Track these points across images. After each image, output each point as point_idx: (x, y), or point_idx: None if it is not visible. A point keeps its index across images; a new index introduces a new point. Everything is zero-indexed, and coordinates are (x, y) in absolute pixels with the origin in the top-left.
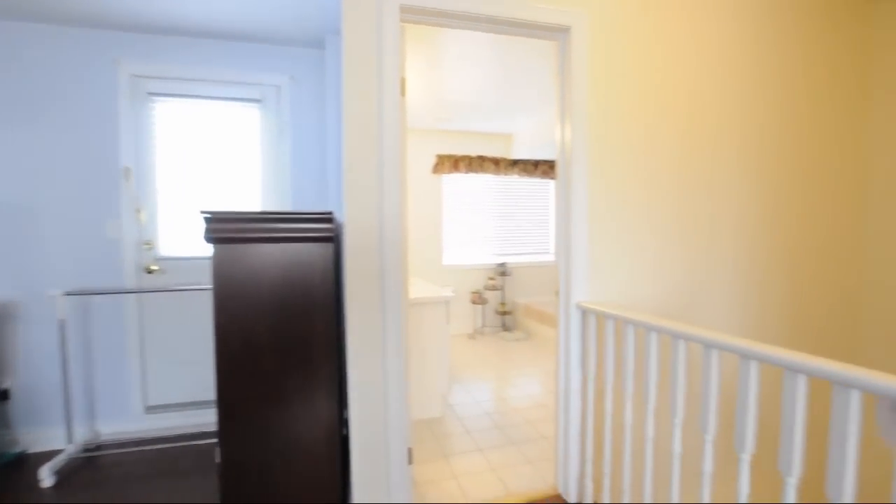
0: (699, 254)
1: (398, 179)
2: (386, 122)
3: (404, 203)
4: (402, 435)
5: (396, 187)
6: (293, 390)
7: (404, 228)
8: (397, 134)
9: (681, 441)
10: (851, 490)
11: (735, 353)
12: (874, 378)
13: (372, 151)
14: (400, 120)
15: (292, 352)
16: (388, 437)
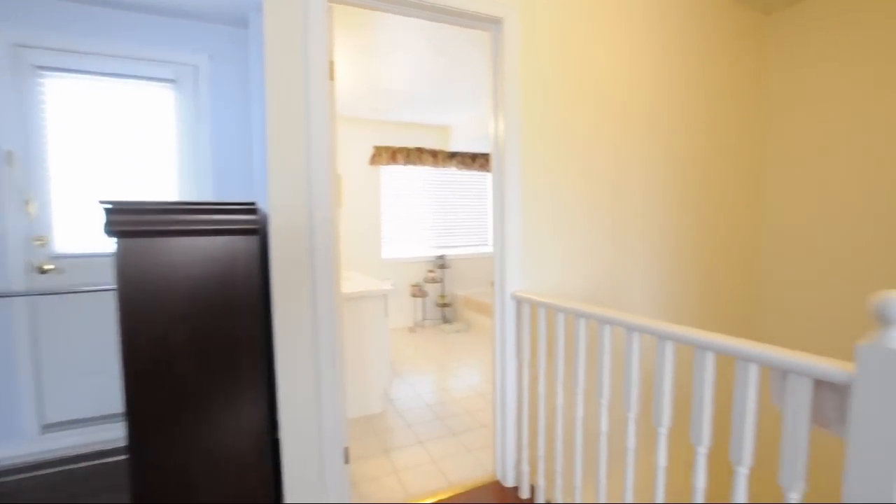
0: (627, 244)
1: (327, 167)
2: (313, 106)
3: (335, 192)
4: (336, 435)
5: (326, 176)
6: (216, 396)
7: (335, 219)
8: (326, 120)
9: (607, 420)
10: (750, 452)
11: (653, 334)
12: (768, 352)
13: (298, 138)
14: (329, 105)
15: (215, 355)
16: (321, 438)
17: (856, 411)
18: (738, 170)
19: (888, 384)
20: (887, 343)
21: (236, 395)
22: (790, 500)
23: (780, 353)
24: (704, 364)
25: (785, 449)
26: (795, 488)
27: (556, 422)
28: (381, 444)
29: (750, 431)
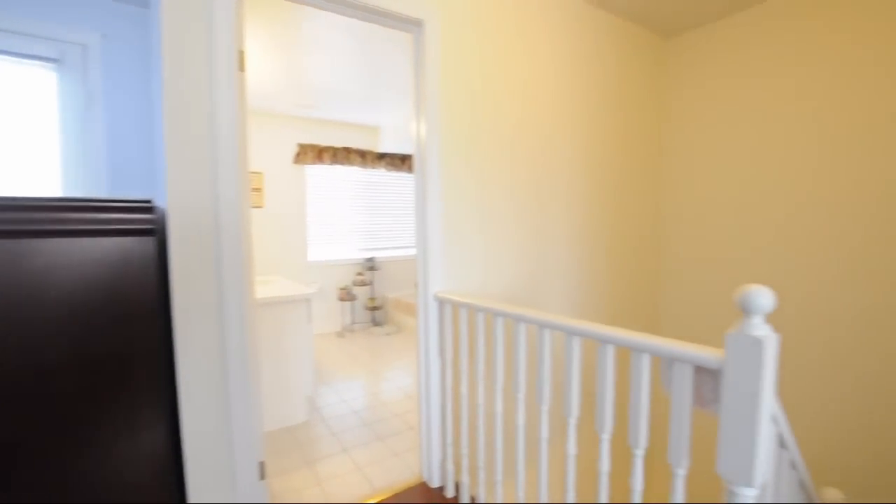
0: (548, 246)
1: (237, 163)
2: (220, 97)
3: (246, 191)
4: (250, 450)
5: (235, 172)
6: (105, 419)
7: (246, 220)
8: (234, 112)
9: (524, 414)
10: (645, 435)
11: (562, 330)
12: (657, 343)
13: (202, 130)
14: (239, 97)
15: (103, 371)
16: (233, 455)
17: (726, 391)
18: (643, 179)
19: (749, 366)
20: (748, 331)
21: (131, 416)
22: (677, 476)
23: (666, 344)
24: (606, 356)
25: (672, 429)
26: (682, 465)
27: (478, 419)
28: (305, 456)
29: (644, 416)
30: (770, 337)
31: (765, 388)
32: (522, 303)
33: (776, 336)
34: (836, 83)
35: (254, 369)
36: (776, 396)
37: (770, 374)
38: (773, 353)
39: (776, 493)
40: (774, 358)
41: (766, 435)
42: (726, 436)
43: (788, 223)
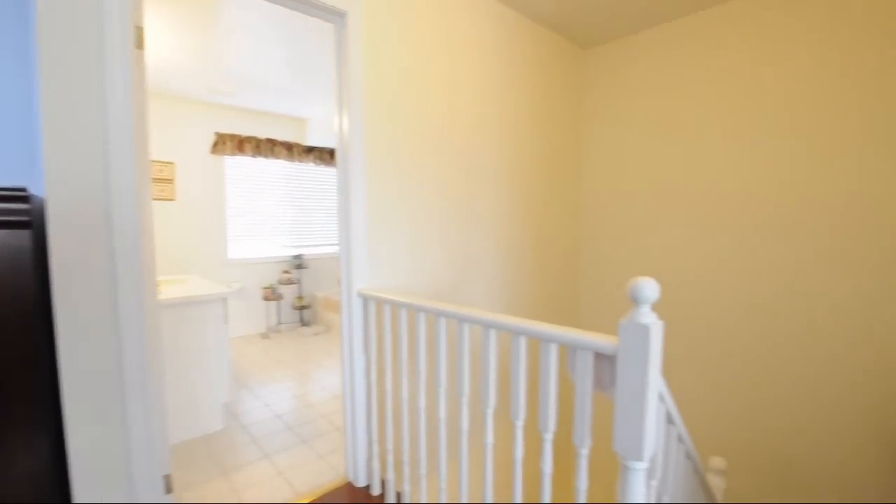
0: (475, 243)
1: (133, 149)
2: (112, 75)
3: (145, 180)
4: (152, 464)
5: (130, 159)
6: None
7: (147, 212)
8: (129, 92)
9: (445, 407)
10: (554, 419)
11: (479, 324)
12: (563, 333)
13: (90, 111)
14: (136, 76)
15: None
16: (131, 471)
17: (620, 375)
18: (564, 179)
19: (638, 351)
20: (637, 319)
21: (3, 438)
22: (581, 455)
23: (570, 333)
24: (519, 347)
25: (576, 412)
26: (585, 445)
27: (402, 415)
28: (220, 465)
29: (553, 402)
30: (656, 324)
31: (651, 370)
32: (449, 299)
33: (661, 323)
34: (738, 93)
35: (156, 377)
36: (662, 377)
37: (656, 356)
38: (658, 338)
39: (665, 462)
40: (659, 342)
41: (654, 412)
42: (621, 415)
43: (694, 220)
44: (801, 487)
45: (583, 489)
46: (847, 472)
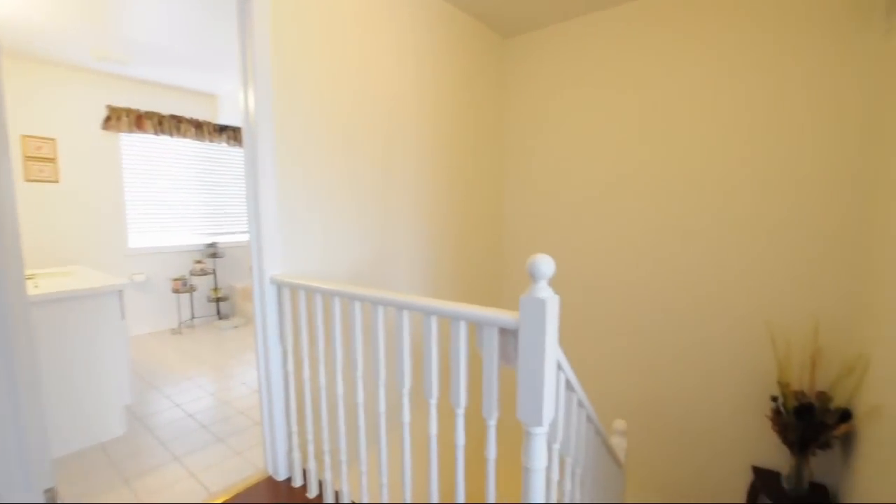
0: (393, 226)
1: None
2: None
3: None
4: (29, 478)
5: None
6: None
7: (8, 195)
8: None
9: (363, 391)
10: (464, 395)
11: (393, 306)
12: (470, 310)
13: None
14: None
15: None
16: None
17: (521, 347)
18: (487, 167)
19: (536, 323)
20: (535, 294)
21: None
22: (489, 427)
23: (477, 311)
24: (430, 327)
25: (484, 386)
26: (492, 416)
27: (321, 403)
28: (122, 473)
29: (463, 378)
30: (552, 298)
31: (549, 341)
32: (368, 283)
33: (557, 297)
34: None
35: (28, 382)
36: (559, 347)
37: (552, 328)
38: (553, 312)
39: (567, 426)
40: (555, 315)
41: (552, 381)
42: (522, 385)
43: (603, 204)
44: (692, 445)
45: (491, 458)
46: (728, 431)
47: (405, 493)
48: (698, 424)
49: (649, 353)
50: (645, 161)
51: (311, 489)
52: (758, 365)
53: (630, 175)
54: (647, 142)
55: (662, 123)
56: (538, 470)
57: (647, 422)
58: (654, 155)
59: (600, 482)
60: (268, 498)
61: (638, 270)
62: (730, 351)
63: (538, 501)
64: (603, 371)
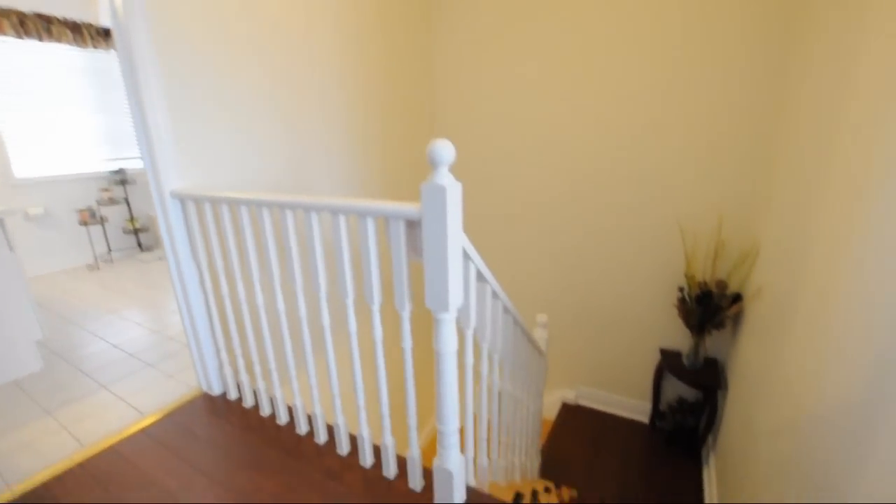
0: (314, 129)
1: None
2: None
3: None
4: None
5: None
6: None
7: None
8: None
9: (282, 299)
10: (378, 291)
11: (302, 209)
12: (377, 205)
13: None
14: None
15: None
16: None
17: (425, 236)
18: (416, 76)
19: (437, 211)
20: (436, 180)
21: None
22: (403, 318)
23: (383, 205)
24: (339, 226)
25: (395, 279)
26: (405, 308)
27: (243, 316)
28: (41, 405)
29: (376, 274)
30: (452, 185)
31: (451, 227)
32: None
33: (458, 184)
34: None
35: None
36: (464, 235)
37: (454, 216)
38: (455, 199)
39: (481, 314)
40: (457, 203)
41: (457, 267)
42: (429, 273)
43: (529, 112)
44: (610, 334)
45: (407, 348)
46: (642, 320)
47: (334, 395)
48: (616, 316)
49: (572, 253)
50: (570, 76)
51: (247, 399)
52: (670, 259)
53: (555, 86)
54: (570, 63)
55: (585, 42)
56: (449, 353)
57: (569, 315)
58: (575, 71)
59: (521, 367)
60: (204, 412)
61: (563, 177)
62: (646, 248)
63: (451, 382)
64: (530, 271)
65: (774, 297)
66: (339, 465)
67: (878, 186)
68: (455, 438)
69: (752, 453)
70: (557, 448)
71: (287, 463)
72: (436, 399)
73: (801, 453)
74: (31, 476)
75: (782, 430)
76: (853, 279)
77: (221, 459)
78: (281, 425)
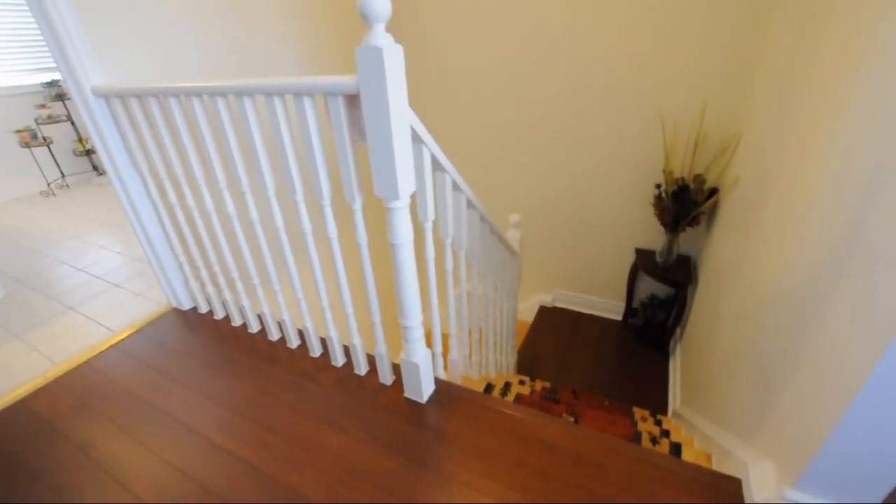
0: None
1: None
2: None
3: None
4: None
5: None
6: None
7: None
8: None
9: (231, 201)
10: (327, 185)
11: (233, 93)
12: (312, 81)
13: None
14: None
15: None
16: None
17: (365, 112)
18: None
19: (375, 78)
20: (371, 41)
21: None
22: (355, 211)
23: (320, 80)
24: (275, 110)
25: (341, 168)
26: (355, 200)
27: (197, 224)
28: (9, 329)
29: (321, 165)
30: (391, 46)
31: (392, 98)
32: None
33: (398, 46)
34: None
35: None
36: (412, 113)
37: (396, 84)
38: (395, 62)
39: (442, 207)
40: (399, 69)
41: (405, 147)
42: (374, 157)
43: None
44: (586, 235)
45: (363, 243)
46: (619, 220)
47: (299, 300)
48: (594, 218)
49: (548, 157)
50: None
51: (217, 311)
52: (649, 156)
53: None
54: None
55: None
56: (403, 245)
57: (547, 220)
58: None
59: (490, 265)
60: (175, 325)
61: (538, 80)
62: (625, 146)
63: (409, 276)
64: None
65: (748, 189)
66: (312, 367)
67: (853, 72)
68: (419, 332)
69: (715, 339)
70: (533, 347)
71: (261, 367)
72: (395, 294)
73: (757, 332)
74: (5, 395)
75: (743, 315)
76: (820, 166)
77: (196, 368)
78: (253, 333)
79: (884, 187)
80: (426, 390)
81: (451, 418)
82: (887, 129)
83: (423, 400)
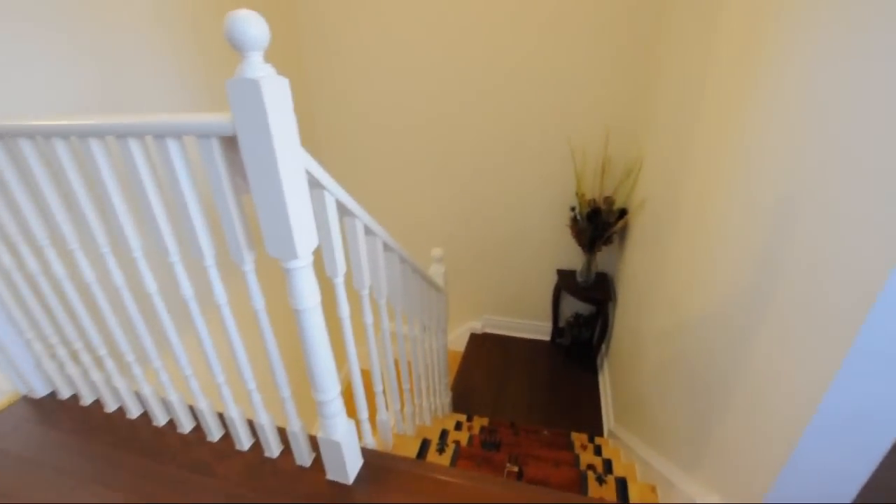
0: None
1: None
2: None
3: None
4: None
5: None
6: None
7: None
8: None
9: (89, 266)
10: (209, 242)
11: (74, 134)
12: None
13: None
14: None
15: None
16: None
17: (246, 158)
18: None
19: (255, 119)
20: (245, 73)
21: None
22: (246, 273)
23: (186, 119)
24: (131, 152)
25: (223, 222)
26: (244, 261)
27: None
28: None
29: (198, 220)
30: (270, 78)
31: (278, 140)
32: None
33: (282, 79)
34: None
35: None
36: (307, 155)
37: (282, 122)
38: (279, 98)
39: (355, 257)
40: (284, 104)
41: (298, 193)
42: (263, 211)
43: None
44: (507, 260)
45: (259, 308)
46: (538, 244)
47: (187, 376)
48: (514, 243)
49: (466, 188)
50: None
51: (85, 396)
52: (561, 179)
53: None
54: None
55: None
56: (309, 309)
57: (470, 249)
58: None
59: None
60: (23, 421)
61: (446, 113)
62: (538, 174)
63: (320, 344)
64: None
65: (656, 209)
66: (210, 455)
67: (749, 95)
68: (337, 405)
69: (641, 355)
70: (467, 380)
71: (143, 466)
72: (305, 367)
73: (687, 350)
74: None
75: (668, 334)
76: (724, 187)
77: (49, 479)
78: (133, 419)
79: (794, 210)
80: (351, 470)
81: (384, 497)
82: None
83: (350, 481)
